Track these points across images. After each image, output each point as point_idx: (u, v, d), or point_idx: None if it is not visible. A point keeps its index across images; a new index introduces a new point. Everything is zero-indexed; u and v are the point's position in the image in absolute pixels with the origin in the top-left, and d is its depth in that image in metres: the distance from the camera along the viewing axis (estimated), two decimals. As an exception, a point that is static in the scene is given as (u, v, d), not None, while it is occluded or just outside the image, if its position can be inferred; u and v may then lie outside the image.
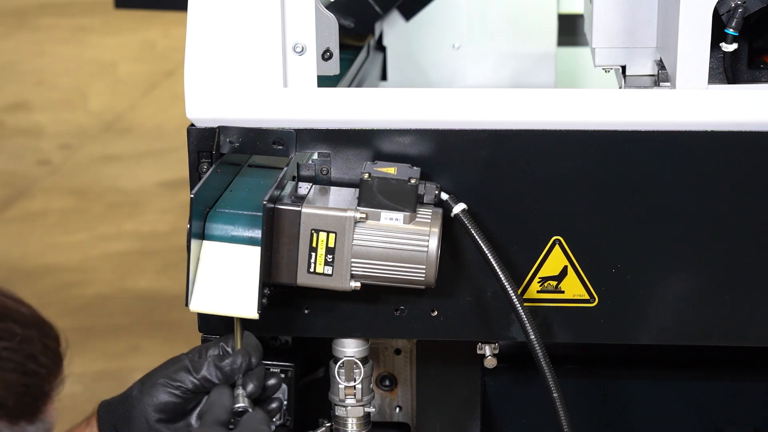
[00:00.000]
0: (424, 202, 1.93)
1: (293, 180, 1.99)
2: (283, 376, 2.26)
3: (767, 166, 1.93)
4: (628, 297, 2.00)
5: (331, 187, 1.98)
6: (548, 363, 1.91)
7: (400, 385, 2.40)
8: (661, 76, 2.06)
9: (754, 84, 1.98)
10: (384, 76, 2.96)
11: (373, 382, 2.22)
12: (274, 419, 2.21)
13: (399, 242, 1.89)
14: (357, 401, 2.12)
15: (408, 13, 2.93)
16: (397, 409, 2.42)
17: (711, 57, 1.91)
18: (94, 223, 5.94)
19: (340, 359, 2.11)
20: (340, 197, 1.94)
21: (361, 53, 2.63)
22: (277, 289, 1.92)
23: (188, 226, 1.83)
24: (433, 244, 1.89)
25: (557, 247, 1.99)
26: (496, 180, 1.96)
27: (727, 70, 1.96)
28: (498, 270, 1.91)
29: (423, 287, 1.93)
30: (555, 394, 1.92)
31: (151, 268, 5.40)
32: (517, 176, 1.96)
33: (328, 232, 1.88)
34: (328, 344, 2.13)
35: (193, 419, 1.90)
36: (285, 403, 2.24)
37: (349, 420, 2.14)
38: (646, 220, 1.96)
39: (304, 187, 1.97)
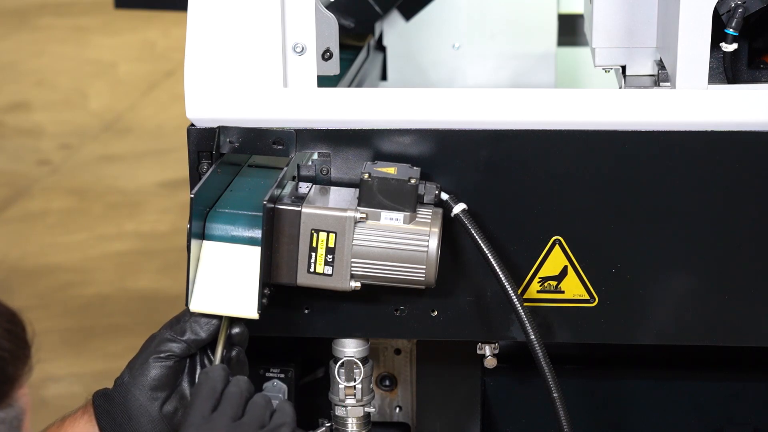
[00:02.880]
0: (424, 202, 1.93)
1: (293, 180, 1.99)
2: (282, 376, 2.26)
3: (767, 166, 1.93)
4: (628, 297, 2.00)
5: (331, 187, 1.98)
6: (548, 363, 1.91)
7: (400, 385, 2.40)
8: (661, 76, 2.06)
9: (754, 84, 1.98)
10: (384, 76, 2.96)
11: (373, 382, 2.22)
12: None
13: (399, 242, 1.89)
14: (357, 401, 2.12)
15: (408, 13, 2.93)
16: (397, 409, 2.42)
17: (711, 57, 1.91)
18: (94, 223, 5.94)
19: (340, 359, 2.11)
20: (340, 197, 1.94)
21: (361, 53, 2.63)
22: (277, 289, 1.92)
23: (188, 226, 1.83)
24: (433, 244, 1.89)
25: (557, 247, 1.99)
26: (496, 180, 1.96)
27: (727, 70, 1.96)
28: (498, 270, 1.91)
29: (423, 287, 1.93)
30: (555, 394, 1.92)
31: (151, 268, 5.39)
32: (517, 176, 1.96)
33: (328, 232, 1.88)
34: (328, 344, 2.13)
35: (185, 385, 1.91)
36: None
37: (349, 420, 2.14)
38: (646, 220, 1.97)
39: (304, 187, 1.97)
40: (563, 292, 2.01)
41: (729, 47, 1.91)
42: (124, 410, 1.87)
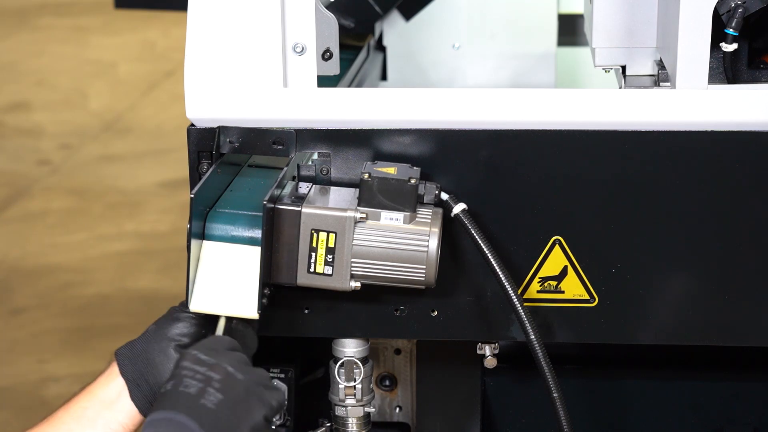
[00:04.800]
0: (424, 202, 1.93)
1: (293, 180, 1.99)
2: (283, 376, 2.27)
3: (767, 166, 1.93)
4: (628, 297, 2.00)
5: (331, 187, 1.98)
6: (548, 363, 1.91)
7: (400, 385, 2.40)
8: (661, 76, 2.06)
9: (754, 84, 1.98)
10: (384, 76, 2.96)
11: (373, 382, 2.22)
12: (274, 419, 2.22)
13: (399, 242, 1.89)
14: (357, 401, 2.12)
15: (408, 13, 2.93)
16: (397, 409, 2.42)
17: (711, 57, 1.91)
18: (94, 223, 5.94)
19: (340, 359, 2.11)
20: (340, 197, 1.94)
21: (361, 53, 2.63)
22: (277, 289, 1.92)
23: (188, 226, 1.83)
24: (433, 244, 1.89)
25: (557, 247, 1.99)
26: (496, 180, 1.96)
27: (727, 70, 1.96)
28: (498, 270, 1.91)
29: (423, 287, 1.93)
30: (555, 394, 1.92)
31: (151, 268, 5.39)
32: (517, 176, 1.96)
33: (328, 232, 1.88)
34: (328, 344, 2.13)
35: None
36: (285, 403, 2.25)
37: (349, 420, 2.14)
38: (646, 220, 1.97)
39: (304, 187, 1.97)
40: (563, 292, 2.01)
41: (729, 47, 1.91)
42: (144, 356, 1.87)
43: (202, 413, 1.67)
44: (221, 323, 1.88)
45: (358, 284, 1.91)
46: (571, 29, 3.05)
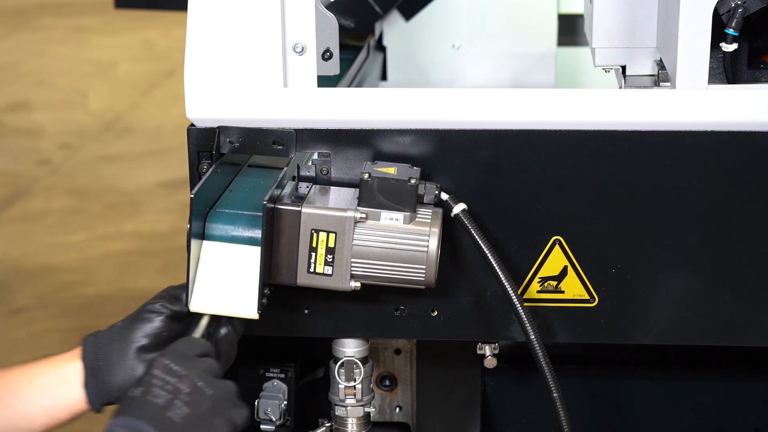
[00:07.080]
0: (424, 202, 1.93)
1: (293, 180, 1.99)
2: (283, 376, 2.27)
3: (767, 166, 1.93)
4: (628, 297, 2.00)
5: (331, 187, 1.98)
6: (548, 363, 1.91)
7: (400, 385, 2.40)
8: (661, 76, 2.06)
9: (754, 84, 1.98)
10: (384, 76, 2.96)
11: (373, 382, 2.22)
12: (274, 419, 2.22)
13: (399, 242, 1.89)
14: (357, 401, 2.12)
15: (408, 13, 2.93)
16: (397, 409, 2.42)
17: (711, 57, 1.91)
18: (94, 223, 5.94)
19: (340, 359, 2.11)
20: (340, 197, 1.94)
21: (361, 53, 2.63)
22: (277, 289, 1.92)
23: (188, 226, 1.83)
24: (433, 244, 1.89)
25: (557, 247, 1.99)
26: (496, 180, 1.96)
27: (727, 70, 1.96)
28: (498, 270, 1.91)
29: (423, 287, 1.93)
30: (555, 394, 1.92)
31: (151, 268, 5.39)
32: (517, 176, 1.96)
33: (328, 232, 1.88)
34: (328, 344, 2.13)
35: None
36: (285, 403, 2.25)
37: (349, 420, 2.14)
38: (646, 220, 1.97)
39: (304, 187, 1.97)
40: (563, 292, 2.01)
41: (729, 47, 1.91)
42: (105, 350, 1.86)
43: (167, 426, 1.67)
44: (203, 323, 1.88)
45: (358, 284, 1.91)
46: (571, 29, 3.05)
